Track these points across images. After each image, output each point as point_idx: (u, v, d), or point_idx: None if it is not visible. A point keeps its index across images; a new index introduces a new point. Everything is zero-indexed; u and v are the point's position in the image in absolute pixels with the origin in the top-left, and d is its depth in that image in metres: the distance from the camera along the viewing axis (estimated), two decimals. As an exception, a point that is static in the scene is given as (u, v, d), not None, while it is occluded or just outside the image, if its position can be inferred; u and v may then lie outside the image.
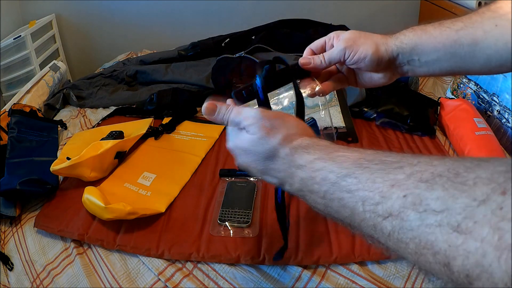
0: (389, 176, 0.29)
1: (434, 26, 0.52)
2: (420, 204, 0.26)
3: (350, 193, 0.32)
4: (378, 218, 0.29)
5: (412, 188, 0.27)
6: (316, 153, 0.38)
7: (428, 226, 0.25)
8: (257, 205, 0.85)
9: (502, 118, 1.12)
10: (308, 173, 0.38)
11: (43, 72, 1.44)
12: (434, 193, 0.25)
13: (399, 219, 0.27)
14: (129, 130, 1.08)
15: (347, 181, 0.33)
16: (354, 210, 0.32)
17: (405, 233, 0.26)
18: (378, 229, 0.29)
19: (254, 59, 1.45)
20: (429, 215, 0.25)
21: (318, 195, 0.36)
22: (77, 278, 0.74)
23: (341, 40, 0.54)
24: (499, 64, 0.49)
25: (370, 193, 0.30)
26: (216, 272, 0.73)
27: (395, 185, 0.28)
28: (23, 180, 0.86)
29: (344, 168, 0.34)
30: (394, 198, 0.28)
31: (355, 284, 0.70)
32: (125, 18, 2.03)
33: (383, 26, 2.02)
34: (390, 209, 0.28)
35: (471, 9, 1.48)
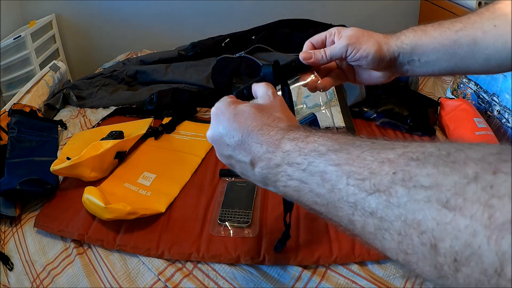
0: (380, 154, 0.29)
1: (434, 27, 0.52)
2: (410, 180, 0.25)
3: (337, 166, 0.31)
4: (363, 194, 0.28)
5: (403, 166, 0.26)
6: (311, 130, 0.37)
7: (417, 202, 0.24)
8: (257, 205, 0.85)
9: (502, 118, 1.12)
10: (297, 144, 0.36)
11: (43, 72, 1.44)
12: (424, 170, 0.25)
13: (387, 194, 0.26)
14: (129, 130, 1.08)
15: (337, 155, 0.32)
16: (336, 185, 0.30)
17: (392, 209, 0.25)
18: (359, 207, 0.28)
19: (254, 59, 1.45)
20: (418, 191, 0.24)
21: (299, 167, 0.34)
22: (77, 278, 0.74)
23: (343, 37, 0.54)
24: (498, 64, 0.49)
25: (358, 169, 0.29)
26: (216, 272, 0.73)
27: (385, 162, 0.28)
28: (23, 180, 0.86)
29: (337, 143, 0.33)
30: (383, 174, 0.27)
31: (355, 284, 0.70)
32: (125, 18, 2.03)
33: (383, 26, 2.02)
34: (378, 184, 0.27)
35: (471, 9, 1.48)
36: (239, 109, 0.42)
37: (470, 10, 1.50)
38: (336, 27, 0.56)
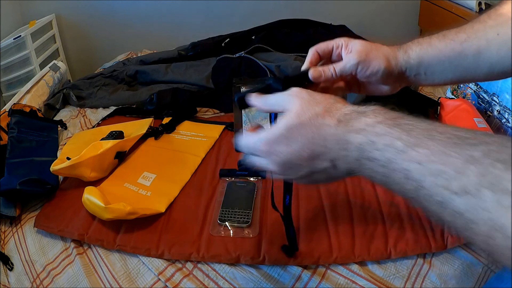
0: (465, 151, 0.28)
1: (439, 39, 0.52)
2: (498, 184, 0.25)
3: (420, 164, 0.30)
4: (451, 195, 0.27)
5: (490, 167, 0.26)
6: (376, 116, 0.35)
7: (504, 208, 0.24)
8: (257, 205, 0.85)
9: (502, 118, 1.12)
10: (368, 137, 0.34)
11: (43, 72, 1.44)
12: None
13: (476, 198, 0.26)
14: (129, 130, 1.08)
15: (418, 151, 0.30)
16: (422, 183, 0.29)
17: (479, 213, 0.25)
18: (448, 207, 0.28)
19: (254, 59, 1.45)
20: (506, 197, 0.24)
21: (378, 163, 0.33)
22: (77, 278, 0.74)
23: (353, 53, 0.52)
24: (502, 72, 0.49)
25: (444, 167, 0.28)
26: (216, 272, 0.73)
27: (471, 162, 0.27)
28: (23, 180, 0.86)
29: (413, 137, 0.31)
30: (470, 175, 0.26)
31: (355, 284, 0.70)
32: (125, 18, 2.03)
33: (383, 26, 2.02)
34: (466, 186, 0.26)
35: (471, 9, 1.48)
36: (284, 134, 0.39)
37: (470, 10, 1.50)
38: (343, 39, 0.54)
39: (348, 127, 0.35)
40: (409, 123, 0.33)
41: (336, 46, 0.55)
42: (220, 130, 1.15)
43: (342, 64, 0.53)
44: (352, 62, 0.52)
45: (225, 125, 1.18)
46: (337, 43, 0.55)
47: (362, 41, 0.54)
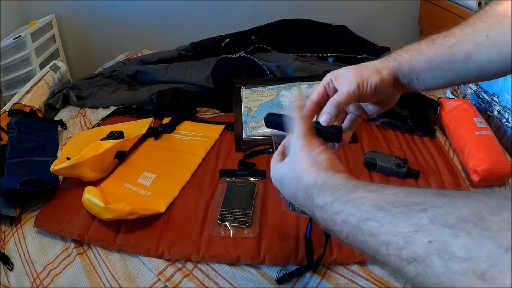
0: (412, 219, 0.29)
1: (428, 45, 0.52)
2: (446, 251, 0.26)
3: (373, 236, 0.32)
4: (403, 262, 0.29)
5: (437, 234, 0.27)
6: (332, 195, 0.39)
7: (454, 274, 0.25)
8: (257, 205, 0.85)
9: (502, 118, 1.12)
10: (327, 214, 0.38)
11: (43, 72, 1.44)
12: (459, 240, 0.25)
13: (424, 265, 0.27)
14: (129, 130, 1.08)
15: (368, 225, 0.33)
16: (378, 251, 0.32)
17: (430, 278, 0.27)
18: (402, 272, 0.29)
19: (254, 59, 1.45)
20: (455, 263, 0.25)
21: (340, 235, 0.37)
22: (77, 278, 0.74)
23: (347, 79, 0.52)
24: (493, 73, 0.49)
25: (393, 238, 0.30)
26: (216, 272, 0.73)
27: (419, 231, 0.28)
28: (23, 180, 0.86)
29: (364, 211, 0.34)
30: (418, 244, 0.28)
31: (355, 284, 0.70)
32: (125, 18, 2.03)
33: (383, 26, 2.02)
34: (414, 254, 0.28)
35: (471, 9, 1.48)
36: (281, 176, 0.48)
37: (470, 10, 1.49)
38: (329, 74, 0.55)
39: (311, 201, 0.41)
40: (360, 197, 0.35)
41: (327, 85, 0.55)
42: (220, 130, 1.15)
43: (344, 94, 0.51)
44: (353, 87, 0.51)
45: (225, 125, 1.18)
46: (325, 81, 0.55)
47: (348, 67, 0.54)
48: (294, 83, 1.23)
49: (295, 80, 1.24)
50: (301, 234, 0.77)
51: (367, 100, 0.54)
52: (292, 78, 1.27)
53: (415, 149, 1.04)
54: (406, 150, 1.04)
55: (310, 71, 1.33)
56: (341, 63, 1.49)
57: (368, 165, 0.95)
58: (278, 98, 1.19)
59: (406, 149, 1.04)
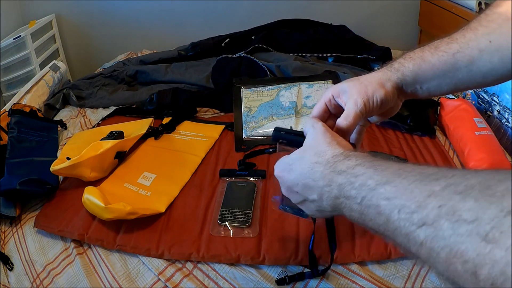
0: (426, 187, 0.31)
1: (431, 52, 0.52)
2: (454, 214, 0.27)
3: (388, 200, 0.33)
4: (413, 227, 0.30)
5: (447, 199, 0.28)
6: (357, 160, 0.40)
7: (460, 235, 0.26)
8: (257, 205, 0.85)
9: (502, 118, 1.12)
10: (347, 178, 0.39)
11: (43, 72, 1.44)
12: (467, 204, 0.27)
13: (433, 228, 0.28)
14: (129, 130, 1.08)
15: (386, 189, 0.34)
16: (390, 217, 0.33)
17: (438, 241, 0.28)
18: (411, 238, 0.30)
19: (254, 59, 1.45)
20: (461, 225, 0.26)
21: (355, 201, 0.37)
22: (77, 278, 0.74)
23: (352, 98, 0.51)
24: (495, 79, 0.49)
25: (407, 202, 0.31)
26: (216, 272, 0.73)
27: (431, 195, 0.30)
28: (23, 180, 0.86)
29: (384, 176, 0.35)
30: (429, 208, 0.29)
31: (355, 284, 0.70)
32: (125, 18, 2.03)
33: (383, 26, 2.02)
34: (425, 218, 0.29)
35: (471, 9, 1.48)
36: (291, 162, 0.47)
37: (470, 10, 1.49)
38: (330, 90, 0.54)
39: (333, 168, 0.41)
40: (383, 165, 0.37)
41: (328, 101, 0.55)
42: (220, 130, 1.15)
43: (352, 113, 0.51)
44: (359, 106, 0.51)
45: (225, 125, 1.18)
46: (326, 97, 0.55)
47: (349, 81, 0.54)
48: (294, 83, 1.23)
49: (295, 80, 1.24)
50: (301, 234, 0.77)
51: (373, 115, 0.55)
52: (292, 78, 1.27)
53: (415, 149, 1.04)
54: (406, 150, 1.04)
55: (310, 71, 1.33)
56: (341, 63, 1.49)
57: (368, 165, 0.95)
58: (278, 98, 1.19)
59: (406, 149, 1.04)
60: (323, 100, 0.55)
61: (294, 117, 1.13)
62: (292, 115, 1.13)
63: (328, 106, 0.55)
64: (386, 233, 0.34)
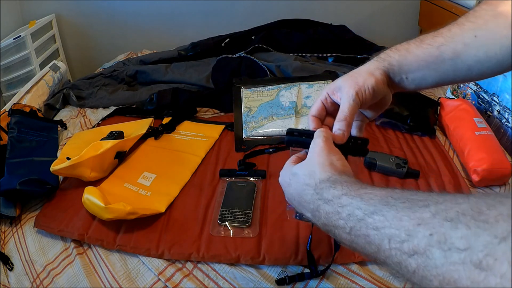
0: (415, 214, 0.31)
1: (416, 44, 0.52)
2: (445, 242, 0.27)
3: (377, 230, 0.33)
4: (404, 256, 0.30)
5: (438, 227, 0.28)
6: (343, 189, 0.40)
7: (452, 264, 0.26)
8: (257, 205, 0.85)
9: (502, 118, 1.12)
10: (334, 207, 0.39)
11: (43, 72, 1.44)
12: (458, 232, 0.27)
13: (425, 256, 0.28)
14: (129, 130, 1.08)
15: (374, 218, 0.34)
16: (380, 247, 0.33)
17: (430, 270, 0.28)
18: (403, 266, 0.30)
19: (254, 59, 1.45)
20: (454, 253, 0.26)
21: (343, 230, 0.38)
22: (77, 278, 0.74)
23: (345, 91, 0.52)
24: (480, 73, 0.49)
25: (396, 231, 0.31)
26: (216, 272, 0.73)
27: (421, 224, 0.29)
28: (23, 180, 0.86)
29: (371, 205, 0.35)
30: (420, 237, 0.29)
31: (355, 284, 0.70)
32: (125, 18, 2.03)
33: (383, 26, 2.02)
34: (416, 247, 0.29)
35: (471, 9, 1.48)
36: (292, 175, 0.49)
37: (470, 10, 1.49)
38: (325, 89, 0.56)
39: (320, 196, 0.42)
40: (370, 193, 0.37)
41: (325, 100, 0.56)
42: (220, 130, 1.15)
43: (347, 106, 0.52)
44: (352, 98, 0.52)
45: (225, 125, 1.18)
46: (323, 96, 0.56)
47: (341, 78, 0.54)
48: (294, 83, 1.23)
49: (295, 80, 1.24)
50: (301, 234, 0.77)
51: (368, 104, 0.54)
52: (292, 78, 1.27)
53: (415, 149, 1.04)
54: (406, 150, 1.04)
55: (310, 71, 1.33)
56: (341, 63, 1.49)
57: (368, 165, 0.95)
58: (278, 98, 1.19)
59: (406, 149, 1.04)
60: (320, 99, 0.56)
61: (294, 117, 1.13)
62: (292, 115, 1.13)
63: (325, 105, 0.56)
64: (378, 260, 0.34)
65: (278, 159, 1.00)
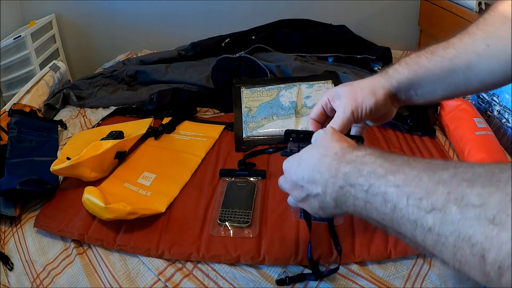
0: (435, 175, 0.32)
1: (427, 57, 0.51)
2: (462, 199, 0.28)
3: (397, 187, 0.34)
4: (421, 212, 0.31)
5: (455, 186, 0.30)
6: (367, 150, 0.40)
7: (468, 219, 0.27)
8: (257, 205, 0.85)
9: (502, 118, 1.12)
10: (355, 166, 0.39)
11: (43, 72, 1.44)
12: (474, 190, 0.28)
13: (442, 212, 0.29)
14: (129, 130, 1.08)
15: (396, 176, 0.34)
16: (397, 204, 0.33)
17: (446, 226, 0.29)
18: (419, 224, 0.31)
19: (254, 59, 1.45)
20: (469, 209, 0.27)
21: (361, 188, 0.37)
22: (77, 278, 0.74)
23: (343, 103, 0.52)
24: (493, 83, 0.49)
25: (416, 189, 0.32)
26: (216, 272, 0.73)
27: (440, 183, 0.31)
28: (23, 180, 0.86)
29: (394, 164, 0.36)
30: (438, 194, 0.30)
31: (355, 284, 0.70)
32: (125, 18, 2.03)
33: (383, 26, 2.01)
34: (434, 203, 0.30)
35: (471, 9, 1.48)
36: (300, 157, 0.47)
37: (470, 10, 1.49)
38: (325, 93, 0.56)
39: (341, 159, 0.41)
40: (393, 155, 0.38)
41: (324, 104, 0.56)
42: (220, 130, 1.15)
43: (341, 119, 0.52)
44: (347, 113, 0.52)
45: (225, 125, 1.18)
46: (323, 100, 0.56)
47: (343, 86, 0.54)
48: (294, 83, 1.23)
49: (295, 80, 1.24)
50: (301, 234, 0.77)
51: (364, 120, 0.55)
52: (292, 78, 1.27)
53: (415, 149, 1.04)
54: (406, 150, 1.04)
55: (310, 71, 1.33)
56: (341, 63, 1.49)
57: (368, 165, 0.95)
58: (278, 98, 1.19)
59: (406, 149, 1.04)
60: (320, 103, 0.56)
61: (294, 117, 1.13)
62: (292, 115, 1.13)
63: (324, 109, 0.56)
64: (390, 223, 0.35)
65: (278, 159, 1.00)
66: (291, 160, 0.49)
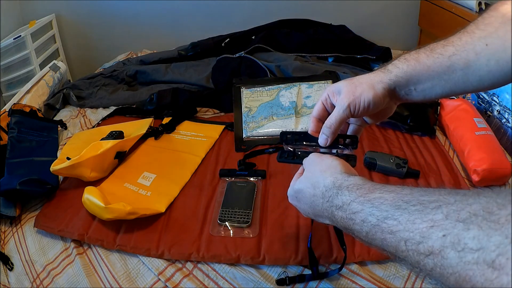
0: (428, 216, 0.32)
1: (426, 54, 0.51)
2: (459, 243, 0.28)
3: (392, 234, 0.35)
4: (421, 256, 0.32)
5: (451, 228, 0.29)
6: (350, 194, 0.41)
7: (466, 263, 0.27)
8: (257, 205, 0.85)
9: (502, 118, 1.12)
10: (346, 214, 0.41)
11: (43, 72, 1.44)
12: (471, 233, 0.28)
13: (440, 257, 0.30)
14: (129, 130, 1.08)
15: (388, 223, 0.35)
16: (398, 248, 0.34)
17: (446, 269, 0.29)
18: (421, 265, 0.32)
19: (254, 59, 1.45)
20: (467, 254, 0.27)
21: (360, 234, 0.39)
22: (77, 278, 0.74)
23: (341, 97, 0.53)
24: (492, 83, 0.49)
25: (411, 234, 0.33)
26: (216, 272, 0.73)
27: (434, 226, 0.31)
28: (23, 180, 0.86)
29: (383, 210, 0.37)
30: (434, 238, 0.30)
31: (355, 284, 0.70)
32: (125, 18, 2.03)
33: (383, 26, 2.02)
34: (431, 248, 0.30)
35: (471, 9, 1.48)
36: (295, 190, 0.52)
37: (470, 10, 1.49)
38: (326, 89, 0.56)
39: (330, 203, 0.44)
40: (379, 197, 0.38)
41: (325, 101, 0.56)
42: (220, 130, 1.15)
43: (337, 115, 0.53)
44: (343, 107, 0.52)
45: (225, 125, 1.18)
46: (323, 97, 0.56)
47: (344, 81, 0.54)
48: (294, 83, 1.23)
49: (295, 80, 1.24)
50: (301, 234, 0.77)
51: (362, 116, 0.55)
52: (292, 78, 1.27)
53: (415, 149, 1.04)
54: (406, 150, 1.04)
55: (310, 71, 1.33)
56: (341, 63, 1.49)
57: (368, 165, 0.95)
58: (278, 98, 1.19)
59: (406, 149, 1.04)
60: (321, 100, 0.56)
61: (294, 117, 1.13)
62: (292, 115, 1.13)
63: (325, 106, 0.56)
64: (395, 258, 0.36)
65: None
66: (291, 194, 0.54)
